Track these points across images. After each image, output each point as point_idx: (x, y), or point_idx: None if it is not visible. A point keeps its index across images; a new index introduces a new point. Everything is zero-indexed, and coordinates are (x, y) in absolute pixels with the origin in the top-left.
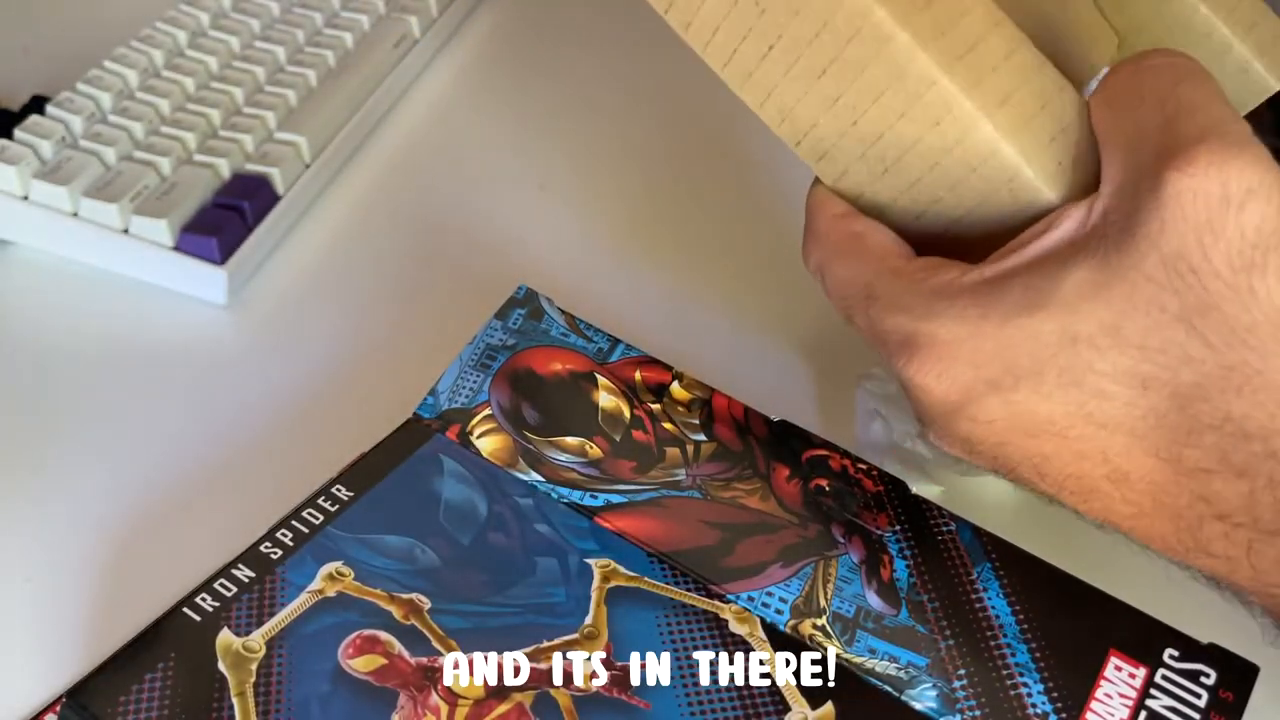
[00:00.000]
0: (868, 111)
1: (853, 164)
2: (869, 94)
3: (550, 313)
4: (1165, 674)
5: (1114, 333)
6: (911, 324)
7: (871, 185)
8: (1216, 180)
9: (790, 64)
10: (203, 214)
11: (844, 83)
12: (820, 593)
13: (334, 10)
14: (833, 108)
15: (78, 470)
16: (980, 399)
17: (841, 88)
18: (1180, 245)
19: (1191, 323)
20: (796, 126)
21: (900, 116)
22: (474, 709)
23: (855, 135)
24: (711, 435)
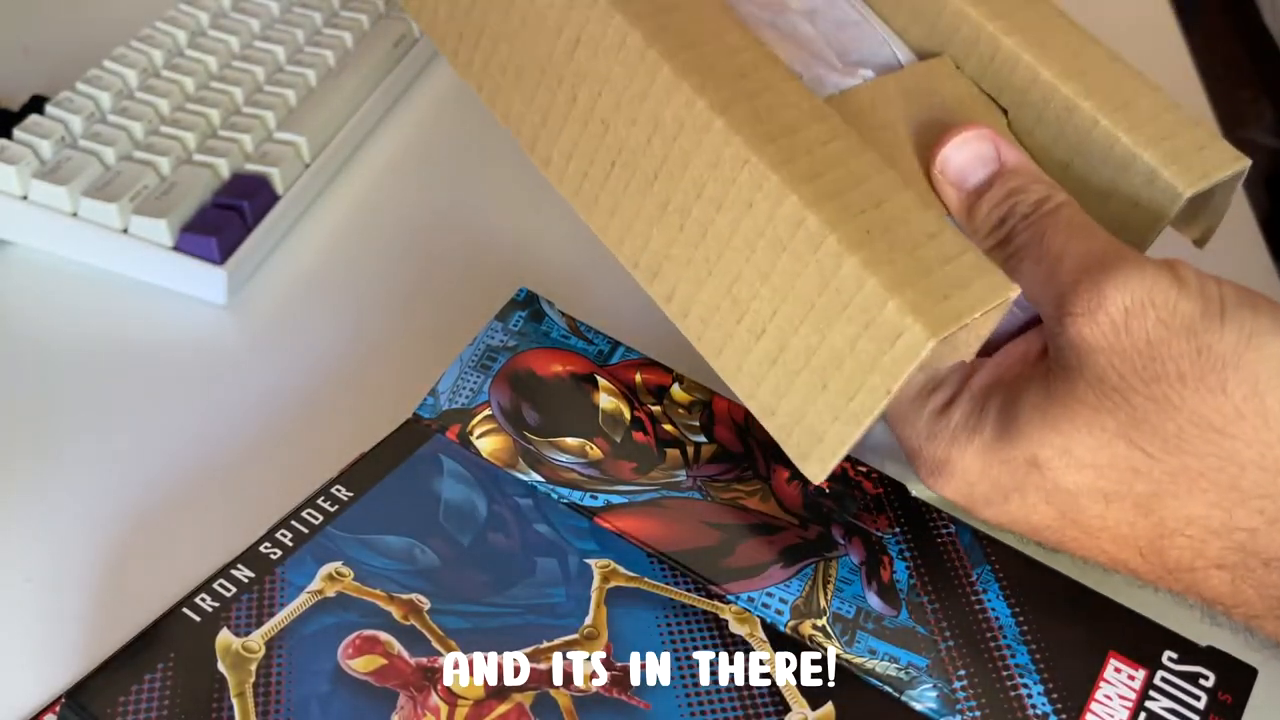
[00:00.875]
0: (691, 209)
1: (681, 273)
2: (693, 190)
3: (551, 315)
4: (1164, 676)
5: (1066, 454)
6: (917, 442)
7: (697, 293)
8: (1100, 311)
9: (629, 176)
10: (202, 214)
11: (671, 184)
12: (820, 593)
13: (334, 10)
14: (663, 215)
15: (78, 470)
16: (981, 510)
17: (669, 191)
18: (1098, 371)
19: (1130, 438)
20: (634, 244)
21: (718, 208)
22: (474, 709)
23: (682, 239)
24: (712, 437)
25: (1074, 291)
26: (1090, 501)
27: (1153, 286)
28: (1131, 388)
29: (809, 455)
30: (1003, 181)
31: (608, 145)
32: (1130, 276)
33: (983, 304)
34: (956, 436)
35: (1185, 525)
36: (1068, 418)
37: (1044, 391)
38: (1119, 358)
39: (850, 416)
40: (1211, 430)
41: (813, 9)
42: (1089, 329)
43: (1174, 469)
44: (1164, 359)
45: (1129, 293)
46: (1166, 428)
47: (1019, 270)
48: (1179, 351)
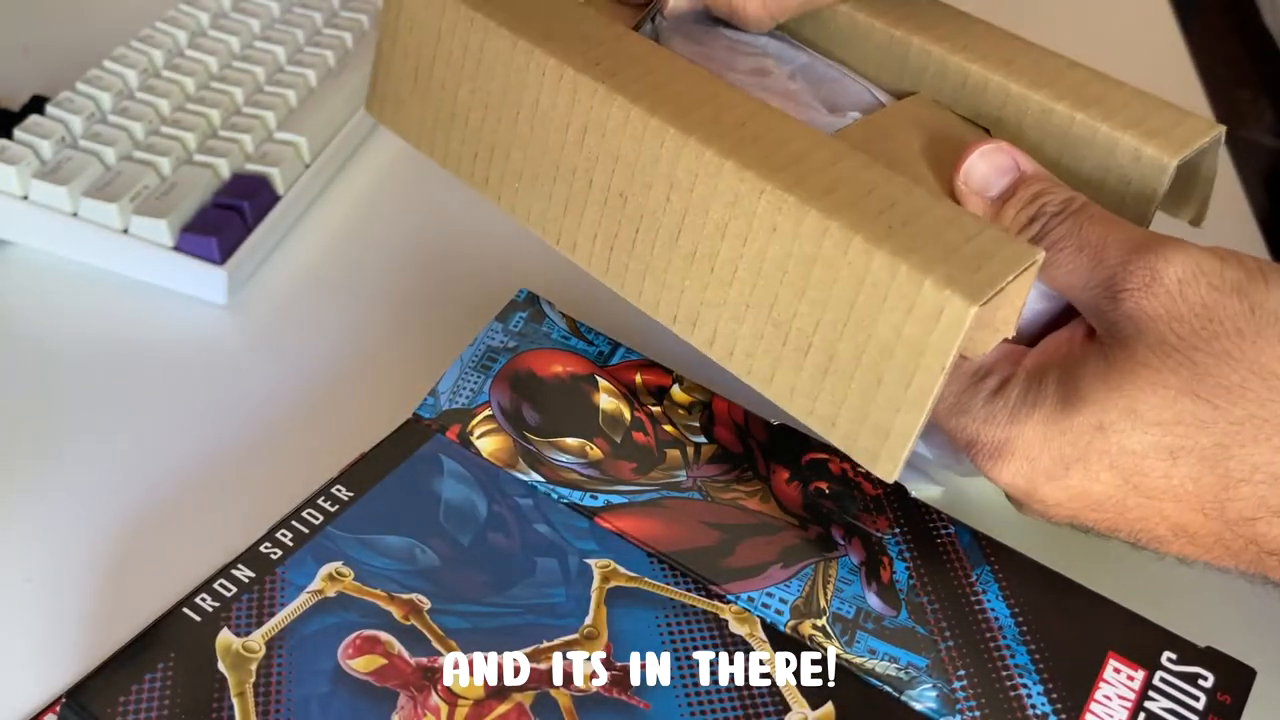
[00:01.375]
0: (719, 251)
1: (719, 315)
2: (717, 232)
3: (551, 316)
4: (1163, 676)
5: (1132, 415)
6: (975, 426)
7: (739, 330)
8: (1156, 284)
9: (654, 238)
10: (203, 214)
11: (695, 233)
12: (820, 593)
13: (334, 10)
14: (692, 264)
15: (78, 470)
16: (1042, 487)
17: (695, 240)
18: (1159, 335)
19: (1194, 392)
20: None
21: (744, 241)
22: (474, 709)
23: (715, 281)
24: (712, 438)
25: (1125, 270)
26: (1156, 460)
27: (1199, 258)
28: (1192, 346)
29: (879, 455)
30: (1026, 186)
31: (628, 215)
32: (1176, 251)
33: (1013, 268)
34: (1015, 413)
35: (1251, 473)
36: (1131, 380)
37: (1103, 360)
38: (1177, 321)
39: (911, 402)
40: (1274, 377)
41: (794, 70)
42: (1147, 300)
43: (1239, 417)
44: (1220, 318)
45: (1179, 264)
46: (1230, 378)
47: (1058, 261)
48: (1233, 310)
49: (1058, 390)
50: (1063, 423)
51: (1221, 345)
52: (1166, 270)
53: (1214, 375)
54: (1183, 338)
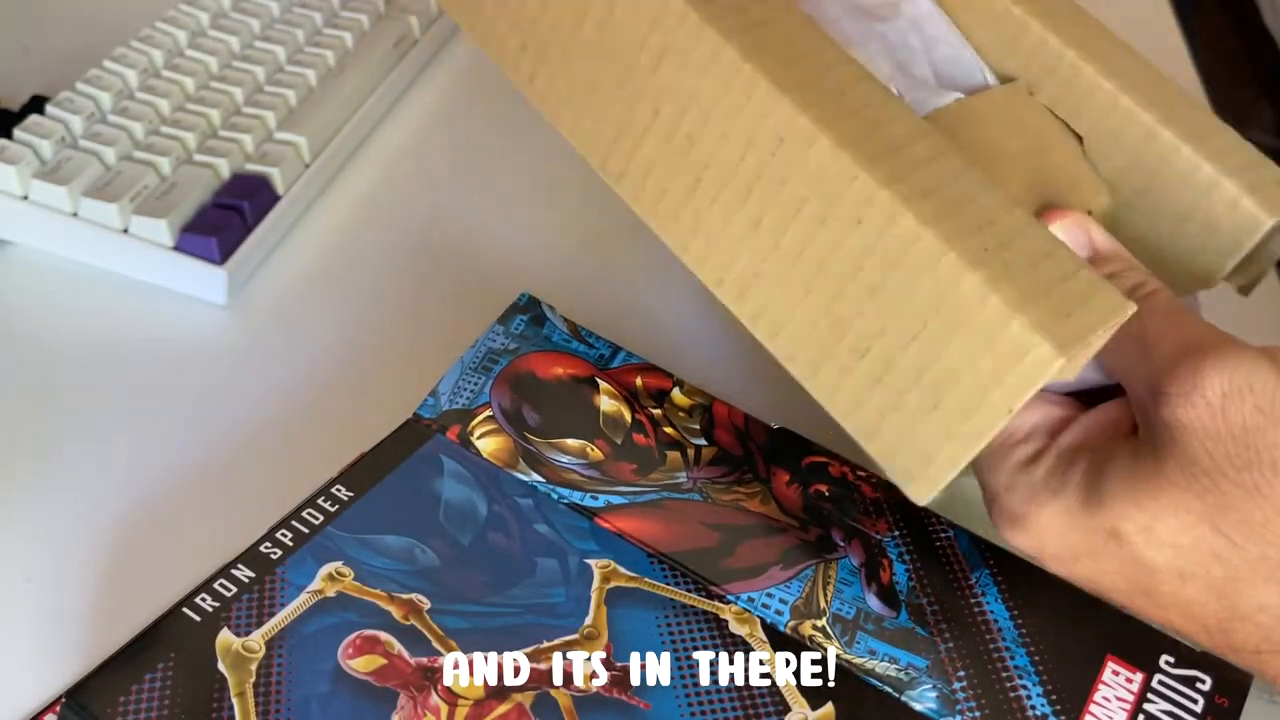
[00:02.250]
0: (790, 227)
1: (773, 292)
2: (791, 206)
3: (552, 319)
4: (1162, 679)
5: (1148, 532)
6: (998, 489)
7: (791, 312)
8: (1197, 394)
9: (717, 193)
10: (203, 214)
11: (766, 200)
12: (820, 594)
13: (334, 10)
14: (754, 232)
15: (78, 470)
16: (1049, 562)
17: (763, 207)
18: (1191, 454)
19: (1215, 523)
20: (719, 262)
21: (821, 223)
22: (474, 709)
23: (777, 256)
24: (712, 440)
25: (1171, 373)
26: (1165, 578)
27: (1252, 372)
28: (1222, 472)
29: (915, 477)
30: (1099, 265)
31: (693, 161)
32: (1229, 360)
33: (1104, 322)
34: (1037, 494)
35: (1256, 611)
36: (1153, 495)
37: (1132, 466)
38: (1212, 441)
39: (966, 436)
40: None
41: (917, 18)
42: (1184, 410)
43: (1254, 558)
44: (1258, 447)
45: (1227, 377)
46: (1254, 516)
47: (1114, 347)
48: (1274, 440)
49: (1082, 483)
50: (1080, 519)
51: (1252, 478)
52: (1213, 381)
53: (1238, 509)
54: (1215, 460)
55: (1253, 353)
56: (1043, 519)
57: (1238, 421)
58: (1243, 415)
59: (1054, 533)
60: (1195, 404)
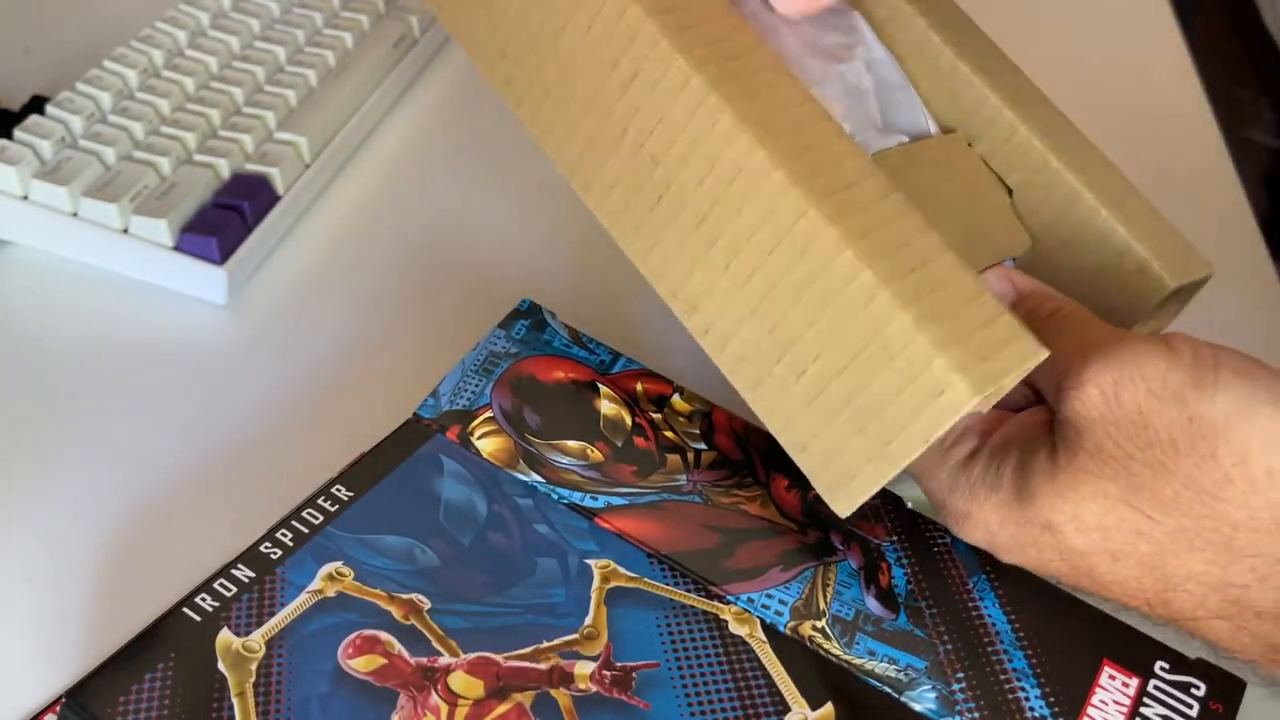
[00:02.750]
0: (741, 252)
1: (722, 310)
2: (744, 233)
3: (553, 325)
4: (1157, 684)
5: (1075, 519)
6: (941, 493)
7: (737, 330)
8: (1091, 386)
9: (676, 212)
10: (203, 214)
11: (721, 225)
12: (820, 596)
13: (334, 10)
14: (708, 252)
15: (78, 470)
16: (1004, 554)
17: (718, 231)
18: (1096, 441)
19: (1131, 503)
20: (673, 277)
21: (769, 252)
22: (474, 709)
23: (727, 277)
24: (712, 445)
25: (1066, 371)
26: (1100, 559)
27: (1141, 359)
28: (1128, 455)
29: (838, 491)
30: (1022, 302)
31: (655, 180)
32: (1119, 351)
33: (1017, 366)
34: (976, 492)
35: (1185, 581)
36: (1073, 486)
37: (1051, 461)
38: (1113, 427)
39: (886, 459)
40: (1204, 494)
41: (871, 61)
42: (1081, 403)
43: (1172, 530)
44: (1156, 427)
45: (1117, 366)
46: (1164, 491)
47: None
48: (1170, 420)
49: (1013, 479)
50: (1016, 514)
51: (1155, 455)
52: (1103, 374)
53: (1148, 487)
54: (1119, 444)
55: (1145, 341)
56: (986, 514)
57: (1133, 406)
58: (1136, 400)
59: (998, 526)
60: (1090, 395)
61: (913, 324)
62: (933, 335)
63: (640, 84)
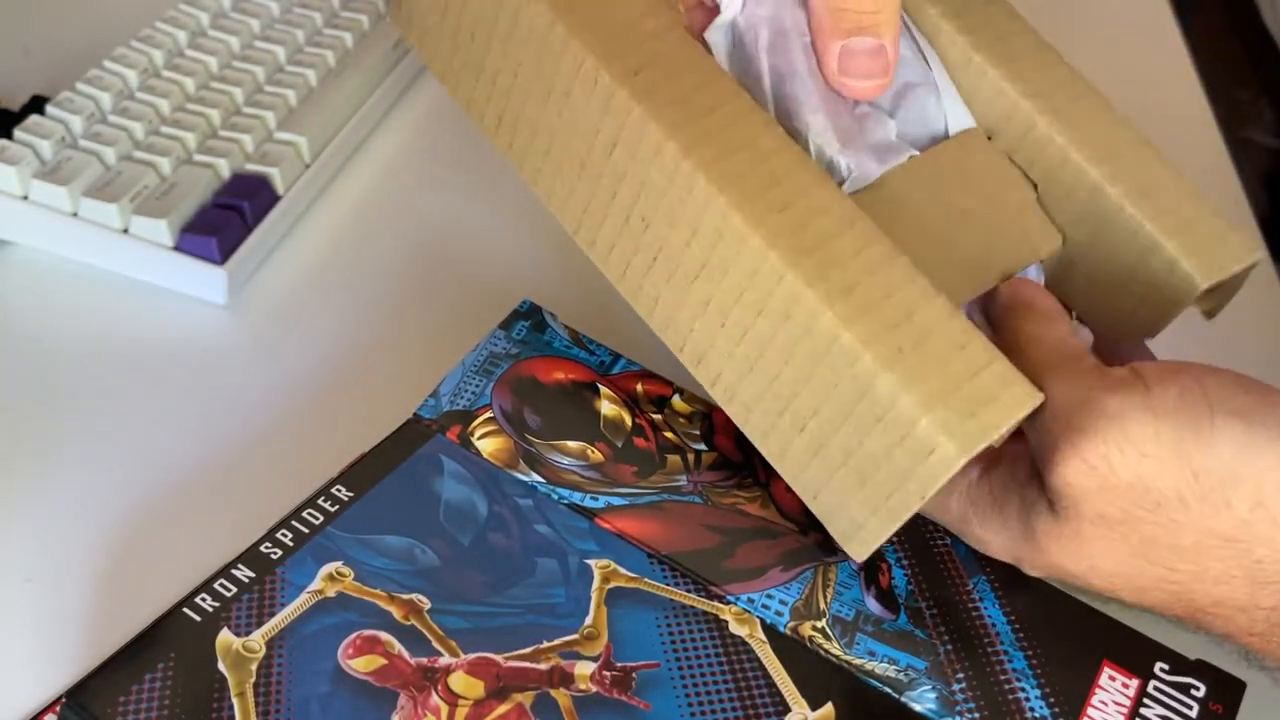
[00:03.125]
0: (731, 311)
1: (724, 364)
2: (732, 294)
3: (553, 326)
4: (1157, 685)
5: (1093, 569)
6: (957, 525)
7: (740, 383)
8: (1077, 460)
9: (671, 271)
10: (203, 214)
11: (712, 285)
12: (820, 596)
13: (334, 10)
14: (705, 311)
15: (78, 470)
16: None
17: (710, 290)
18: (1098, 509)
19: (1147, 556)
20: (678, 332)
21: (758, 314)
22: (474, 709)
23: (724, 335)
24: (712, 446)
25: (1052, 442)
26: (1126, 591)
27: (1125, 423)
28: (1136, 517)
29: (852, 539)
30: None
31: (648, 242)
32: (1093, 420)
33: (1008, 419)
34: (989, 522)
35: (1214, 605)
36: (1085, 545)
37: (1054, 521)
38: (1113, 494)
39: (888, 513)
40: (1223, 540)
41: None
42: (1068, 479)
43: (1196, 572)
44: (1160, 489)
45: (1099, 437)
46: (1181, 543)
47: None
48: (1173, 479)
49: (1019, 526)
50: (1029, 555)
51: (1166, 514)
52: (1088, 447)
53: (1164, 541)
54: (1125, 510)
55: (1122, 395)
56: (1000, 543)
57: (1129, 475)
58: (1131, 468)
59: (1015, 559)
60: (1081, 472)
61: (897, 384)
62: (918, 396)
63: (621, 150)
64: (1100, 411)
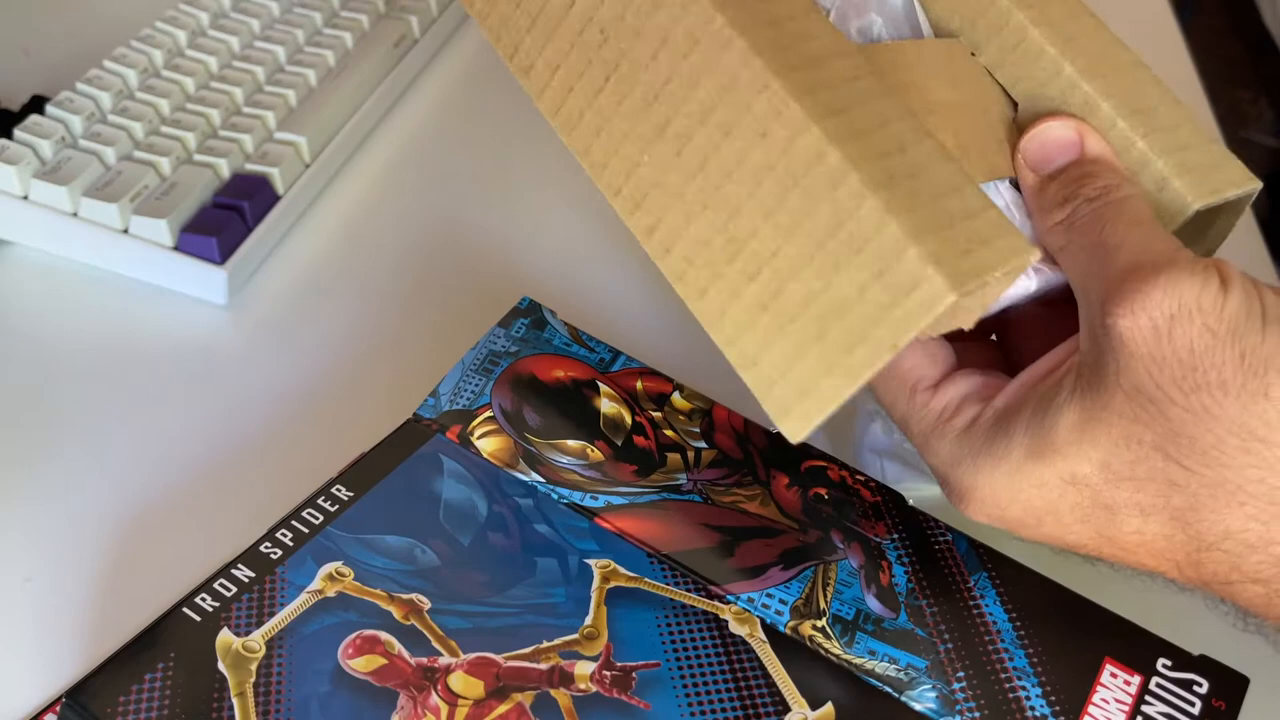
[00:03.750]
0: (694, 135)
1: (670, 206)
2: (698, 114)
3: (553, 323)
4: (1159, 682)
5: (1105, 468)
6: (943, 469)
7: (686, 228)
8: (1144, 315)
9: (625, 94)
10: (203, 214)
11: (673, 106)
12: (820, 595)
13: (334, 10)
14: (658, 138)
15: (78, 470)
16: (1018, 531)
17: (670, 113)
18: (1136, 380)
19: (1166, 451)
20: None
21: (726, 134)
22: (474, 709)
23: (678, 167)
24: (712, 443)
25: (1119, 291)
26: (1128, 516)
27: (1202, 291)
28: (1170, 399)
29: (790, 411)
30: (1079, 166)
31: (604, 58)
32: (1179, 280)
33: (1003, 263)
34: (981, 462)
35: (1222, 539)
36: (1105, 431)
37: (1079, 407)
38: (1157, 367)
39: (846, 371)
40: (1253, 439)
41: None
42: (1130, 333)
43: (1211, 481)
44: (1206, 368)
45: (1176, 297)
46: (1205, 439)
47: (1071, 254)
48: (1221, 359)
49: (1027, 438)
50: (1033, 474)
51: (1201, 400)
52: (1162, 303)
53: (1188, 434)
54: (1161, 387)
55: (1204, 269)
56: (996, 485)
57: (1184, 344)
58: (1190, 337)
59: (1009, 497)
60: (1142, 327)
61: (884, 209)
62: (907, 223)
63: None
64: (1182, 272)
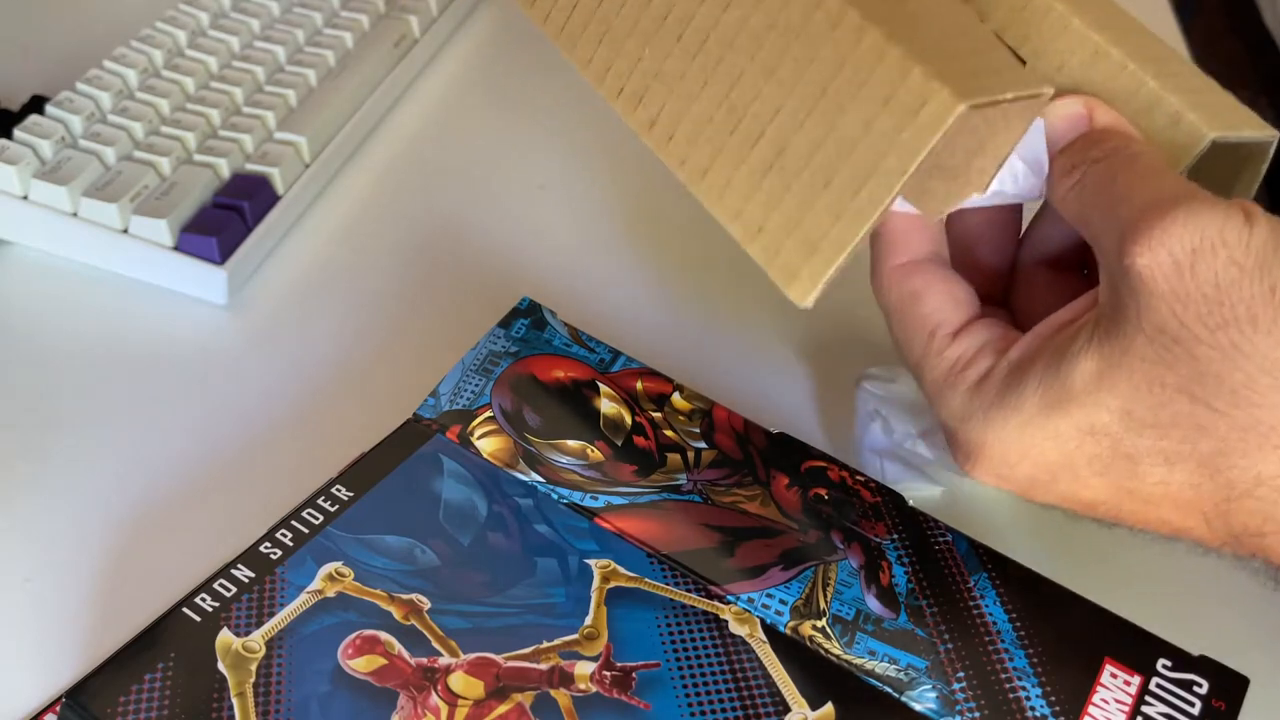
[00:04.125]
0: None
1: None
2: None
3: (553, 323)
4: (1159, 682)
5: (1126, 416)
6: (952, 423)
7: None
8: (1163, 250)
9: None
10: (203, 214)
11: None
12: (820, 595)
13: (334, 10)
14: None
15: (77, 470)
16: (1029, 492)
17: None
18: (1158, 320)
19: (1192, 392)
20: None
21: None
22: (474, 709)
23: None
24: (712, 444)
25: (1135, 229)
26: (1151, 466)
27: (1225, 224)
28: (1195, 337)
29: (798, 273)
30: (1088, 136)
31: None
32: (1199, 213)
33: (1014, 88)
34: (992, 416)
35: (1255, 486)
36: (1126, 376)
37: (1097, 354)
38: (1181, 304)
39: (854, 212)
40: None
41: None
42: (1150, 271)
43: (1242, 423)
44: (1233, 302)
45: (1198, 231)
46: (1234, 378)
47: (1086, 213)
48: (1250, 293)
49: (1042, 388)
50: (1048, 426)
51: (1229, 337)
52: (1181, 235)
53: (1215, 373)
54: (1185, 325)
55: (1227, 204)
56: (1006, 441)
57: (1209, 279)
58: (1214, 271)
59: (1019, 453)
60: (1162, 263)
61: (885, 39)
62: (909, 49)
63: None
64: (1202, 205)
